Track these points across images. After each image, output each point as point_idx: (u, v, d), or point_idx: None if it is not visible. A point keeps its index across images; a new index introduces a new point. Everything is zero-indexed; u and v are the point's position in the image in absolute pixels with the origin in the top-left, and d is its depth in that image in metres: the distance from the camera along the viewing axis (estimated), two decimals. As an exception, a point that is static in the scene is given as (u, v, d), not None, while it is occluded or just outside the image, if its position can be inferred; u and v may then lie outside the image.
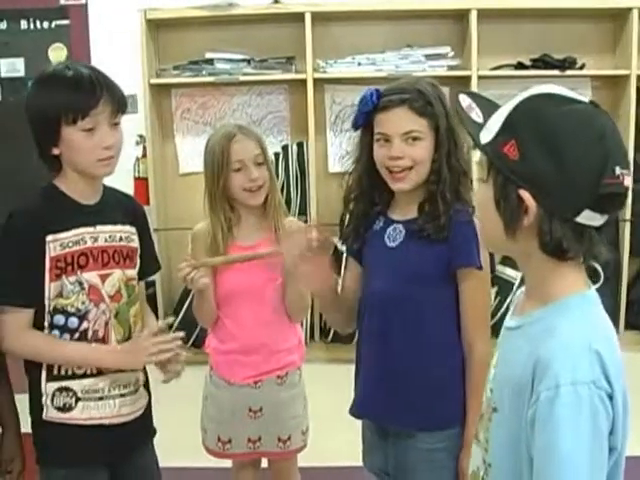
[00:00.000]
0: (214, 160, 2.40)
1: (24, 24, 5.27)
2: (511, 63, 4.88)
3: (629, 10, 4.68)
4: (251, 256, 2.35)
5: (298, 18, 4.72)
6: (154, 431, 2.23)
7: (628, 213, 4.79)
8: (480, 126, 1.32)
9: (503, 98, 4.59)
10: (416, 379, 1.99)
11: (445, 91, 2.06)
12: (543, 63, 4.82)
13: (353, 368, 2.17)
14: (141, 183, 4.93)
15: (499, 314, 4.71)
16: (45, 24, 5.27)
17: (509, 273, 4.82)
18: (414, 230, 1.99)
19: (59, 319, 1.96)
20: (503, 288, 4.78)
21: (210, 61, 4.83)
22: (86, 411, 1.99)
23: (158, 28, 4.97)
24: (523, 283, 4.60)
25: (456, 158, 1.97)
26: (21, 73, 5.24)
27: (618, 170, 1.21)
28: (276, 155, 4.95)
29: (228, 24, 4.91)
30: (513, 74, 4.87)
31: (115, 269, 2.02)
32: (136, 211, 2.18)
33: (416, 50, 4.81)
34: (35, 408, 2.00)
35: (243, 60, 4.85)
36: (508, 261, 4.90)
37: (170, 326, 2.11)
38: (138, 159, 4.98)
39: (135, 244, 2.10)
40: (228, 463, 2.68)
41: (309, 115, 4.80)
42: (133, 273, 2.09)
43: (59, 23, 5.26)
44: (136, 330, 2.08)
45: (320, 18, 4.78)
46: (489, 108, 1.35)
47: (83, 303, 1.96)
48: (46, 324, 1.96)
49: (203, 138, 2.69)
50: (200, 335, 4.14)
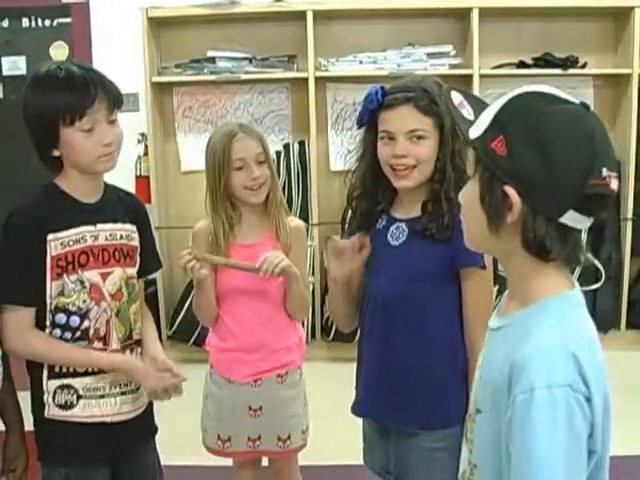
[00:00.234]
0: (215, 159, 2.40)
1: (26, 22, 5.27)
2: (513, 62, 4.88)
3: (631, 9, 4.68)
4: (253, 269, 2.33)
5: (300, 16, 4.72)
6: (155, 429, 2.23)
7: (630, 212, 4.79)
8: (471, 123, 1.32)
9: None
10: (418, 378, 1.99)
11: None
12: (545, 62, 4.81)
13: (354, 367, 2.17)
14: (142, 181, 4.93)
15: (500, 313, 4.71)
16: (47, 22, 5.27)
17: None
18: (417, 229, 1.98)
19: (61, 318, 1.96)
20: (504, 286, 4.76)
21: (212, 59, 4.82)
22: (87, 409, 1.99)
23: (160, 26, 4.97)
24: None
25: (460, 157, 1.97)
26: (23, 71, 5.24)
27: (605, 172, 1.20)
28: (278, 153, 4.95)
29: (230, 22, 4.91)
30: (515, 73, 4.86)
31: (116, 267, 2.02)
32: (137, 209, 2.17)
33: (418, 48, 4.81)
34: (37, 406, 2.00)
35: (245, 58, 4.85)
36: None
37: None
38: (140, 157, 4.98)
39: (135, 242, 2.10)
40: (229, 462, 2.68)
41: (311, 113, 4.79)
42: (133, 271, 2.09)
43: (61, 21, 5.26)
44: (137, 328, 2.09)
45: (322, 16, 4.78)
46: (480, 106, 1.36)
47: (84, 302, 1.96)
48: (48, 323, 1.96)
49: (205, 136, 2.70)
50: (201, 334, 4.15)
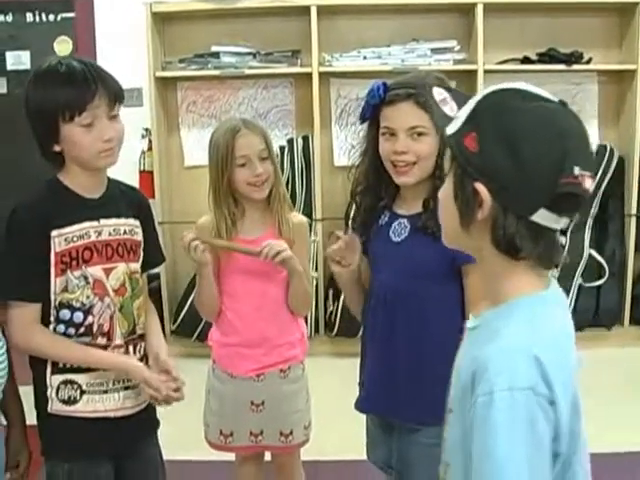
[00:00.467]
0: (218, 155, 2.40)
1: (30, 17, 5.27)
2: (517, 57, 4.86)
3: (636, 5, 4.67)
4: (255, 253, 2.34)
5: (304, 11, 4.71)
6: (157, 423, 2.23)
7: (634, 208, 4.78)
8: (451, 120, 1.31)
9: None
10: (419, 374, 1.99)
11: (452, 85, 2.05)
12: (549, 57, 4.80)
13: (357, 362, 2.17)
14: (146, 176, 4.93)
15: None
16: (51, 17, 5.26)
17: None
18: (418, 226, 1.98)
19: (65, 314, 1.96)
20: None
21: (216, 54, 4.82)
22: (91, 404, 2.00)
23: (164, 21, 4.96)
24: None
25: None
26: (27, 66, 5.23)
27: (577, 170, 1.18)
28: (281, 149, 4.95)
29: (234, 17, 4.90)
30: (519, 68, 4.85)
31: (119, 263, 2.02)
32: (140, 203, 2.17)
33: (422, 44, 4.80)
34: (40, 401, 2.01)
35: (249, 53, 4.84)
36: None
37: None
38: (143, 152, 4.98)
39: (139, 237, 2.10)
40: (231, 456, 2.68)
41: (314, 109, 4.79)
42: (137, 266, 2.09)
43: (65, 16, 5.25)
44: (140, 323, 2.09)
45: (326, 11, 4.77)
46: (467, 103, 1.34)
47: (88, 297, 1.96)
48: (52, 319, 1.96)
49: (208, 131, 2.69)
50: (205, 329, 4.14)
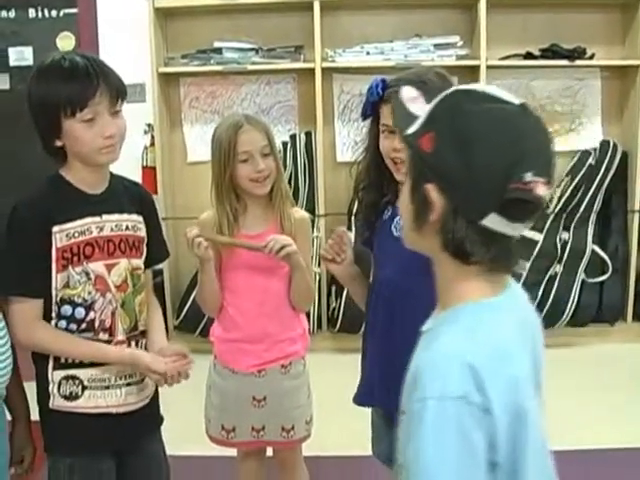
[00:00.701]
0: (221, 150, 2.41)
1: (32, 13, 5.27)
2: (520, 53, 4.85)
3: (639, 0, 4.66)
4: (259, 247, 2.35)
5: (307, 7, 4.70)
6: (161, 419, 2.23)
7: (637, 204, 4.78)
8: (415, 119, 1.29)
9: (512, 88, 4.61)
10: None
11: (454, 81, 2.05)
12: (552, 53, 4.79)
13: (359, 358, 2.17)
14: (149, 172, 4.93)
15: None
16: (53, 12, 5.27)
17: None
18: None
19: (66, 310, 1.96)
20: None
21: (218, 50, 4.81)
22: (92, 400, 2.00)
23: (166, 17, 4.96)
24: (531, 274, 4.63)
25: None
26: (29, 62, 5.23)
27: (529, 176, 1.15)
28: (284, 144, 4.95)
29: (236, 13, 4.89)
30: (522, 64, 4.85)
31: (121, 258, 2.02)
32: (143, 198, 2.17)
33: (425, 39, 4.79)
34: (42, 396, 2.01)
35: (251, 49, 4.84)
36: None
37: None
38: (146, 148, 4.98)
39: (142, 233, 2.10)
40: (233, 452, 2.68)
41: (317, 104, 4.78)
42: (139, 262, 2.09)
43: (67, 12, 5.25)
44: (142, 319, 2.09)
45: (329, 7, 4.76)
46: None
47: (90, 293, 1.96)
48: (53, 315, 1.97)
49: (211, 127, 2.69)
50: (208, 324, 4.15)
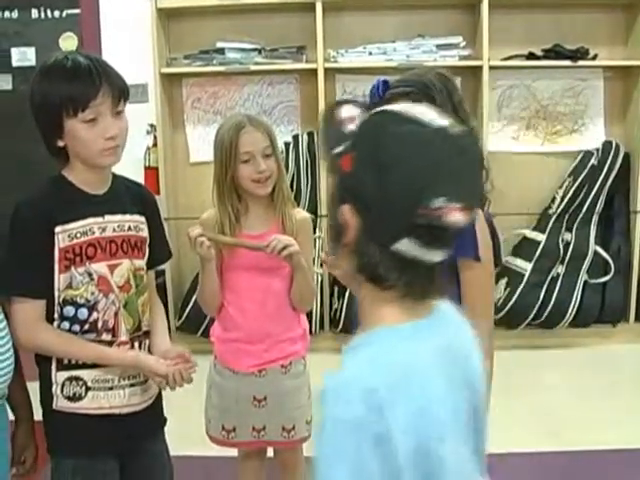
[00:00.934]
0: (223, 151, 2.42)
1: (35, 13, 5.27)
2: (523, 53, 4.85)
3: (642, 0, 4.66)
4: (262, 246, 2.35)
5: (309, 7, 4.70)
6: (164, 420, 2.23)
7: (639, 205, 4.78)
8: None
9: (514, 88, 4.61)
10: None
11: (456, 82, 2.05)
12: (555, 53, 4.79)
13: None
14: (151, 172, 4.93)
15: (508, 306, 4.71)
16: (56, 13, 5.26)
17: (519, 264, 4.81)
18: None
19: (69, 310, 1.96)
20: (513, 279, 4.77)
21: (221, 50, 4.82)
22: (96, 401, 2.00)
23: (169, 17, 4.96)
24: (534, 275, 4.62)
25: None
26: (32, 62, 5.23)
27: (439, 202, 1.11)
28: (286, 145, 4.95)
29: (239, 13, 4.89)
30: (525, 64, 4.85)
31: (124, 259, 2.02)
32: (146, 199, 2.17)
33: (427, 40, 4.79)
34: (45, 397, 2.01)
35: (254, 49, 4.84)
36: (519, 252, 4.89)
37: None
38: (149, 148, 4.98)
39: (144, 233, 2.10)
40: (234, 452, 2.69)
41: (320, 105, 4.77)
42: (141, 263, 2.08)
43: (70, 12, 5.25)
44: (145, 320, 2.09)
45: (331, 7, 4.76)
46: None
47: (92, 294, 1.96)
48: (56, 316, 1.96)
49: (213, 127, 2.70)
50: (210, 325, 4.15)
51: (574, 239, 4.85)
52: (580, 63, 4.77)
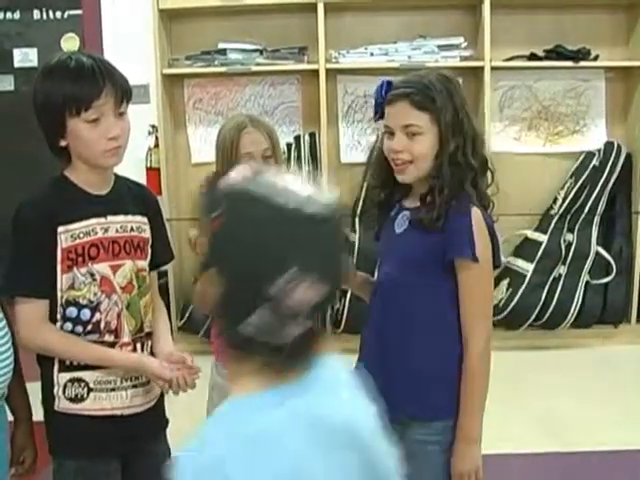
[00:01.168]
0: (224, 151, 2.43)
1: (37, 14, 5.27)
2: (524, 54, 4.86)
3: (643, 1, 4.66)
4: None
5: (311, 8, 4.70)
6: (167, 421, 2.23)
7: (640, 205, 4.79)
8: None
9: (516, 89, 4.62)
10: (408, 366, 2.00)
11: (458, 83, 2.06)
12: (556, 54, 4.79)
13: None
14: (153, 173, 4.93)
15: (510, 307, 4.70)
16: (58, 14, 5.26)
17: (521, 265, 4.81)
18: (413, 218, 2.01)
19: (72, 311, 1.96)
20: (515, 280, 4.77)
21: (222, 51, 4.82)
22: (98, 402, 1.99)
23: (170, 18, 4.96)
24: (536, 276, 4.64)
25: (463, 153, 1.96)
26: (34, 63, 5.23)
27: (287, 279, 1.13)
28: (288, 145, 4.95)
29: (240, 14, 4.89)
30: (526, 65, 4.85)
31: (126, 260, 2.02)
32: (148, 200, 2.17)
33: (429, 40, 4.79)
34: (47, 398, 2.01)
35: (255, 50, 4.84)
36: (520, 253, 4.89)
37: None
38: (150, 149, 4.98)
39: (146, 234, 2.09)
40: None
41: (321, 105, 4.78)
42: (144, 264, 2.08)
43: (72, 13, 5.25)
44: (147, 321, 2.09)
45: (333, 8, 4.76)
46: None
47: (95, 294, 1.96)
48: (58, 317, 1.96)
49: (215, 128, 2.70)
50: (211, 326, 4.14)
51: (576, 240, 4.84)
52: (582, 64, 4.77)
